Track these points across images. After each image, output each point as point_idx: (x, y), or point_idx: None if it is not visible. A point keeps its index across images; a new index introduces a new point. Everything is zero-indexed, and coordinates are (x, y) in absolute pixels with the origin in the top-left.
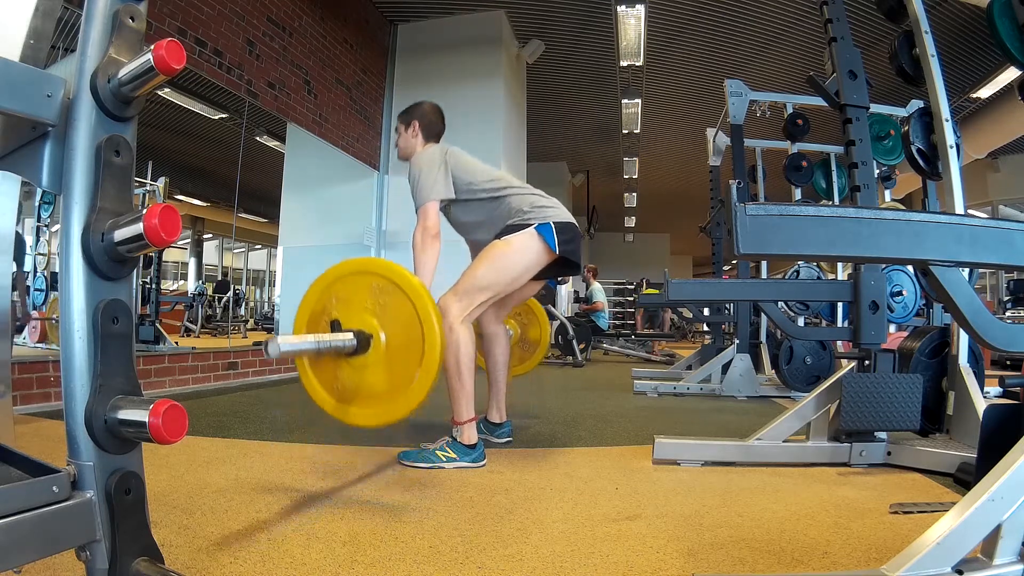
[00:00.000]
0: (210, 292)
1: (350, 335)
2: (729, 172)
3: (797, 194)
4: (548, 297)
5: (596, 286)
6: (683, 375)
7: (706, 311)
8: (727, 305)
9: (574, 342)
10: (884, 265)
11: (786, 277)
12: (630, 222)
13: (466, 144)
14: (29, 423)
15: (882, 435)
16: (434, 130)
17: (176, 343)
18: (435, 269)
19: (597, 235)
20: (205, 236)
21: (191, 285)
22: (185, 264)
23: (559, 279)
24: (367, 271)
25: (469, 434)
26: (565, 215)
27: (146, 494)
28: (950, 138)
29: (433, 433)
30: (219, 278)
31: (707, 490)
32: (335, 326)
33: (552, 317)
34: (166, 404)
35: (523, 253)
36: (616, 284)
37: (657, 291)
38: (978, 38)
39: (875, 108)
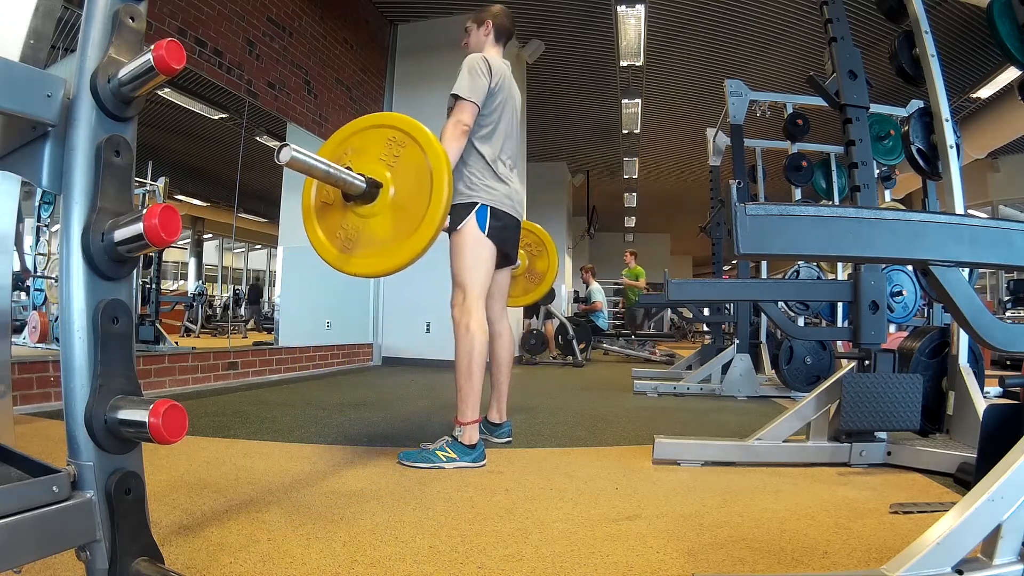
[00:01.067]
0: (216, 294)
1: (361, 177)
2: (729, 172)
3: (797, 194)
4: (548, 297)
5: (595, 286)
6: (683, 375)
7: (706, 311)
8: (727, 305)
9: (574, 342)
10: (884, 265)
11: (786, 277)
12: (630, 222)
13: None
14: (29, 423)
15: (882, 435)
16: (505, 31)
17: (176, 343)
18: (456, 159)
19: (597, 235)
20: (205, 236)
21: (191, 285)
22: (185, 264)
23: None
24: (385, 124)
25: (471, 434)
26: (509, 205)
27: (146, 494)
28: (950, 138)
29: (433, 433)
30: (252, 281)
31: (707, 490)
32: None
33: (551, 317)
34: (166, 404)
35: (477, 236)
36: (616, 284)
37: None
38: (978, 38)
39: (875, 108)
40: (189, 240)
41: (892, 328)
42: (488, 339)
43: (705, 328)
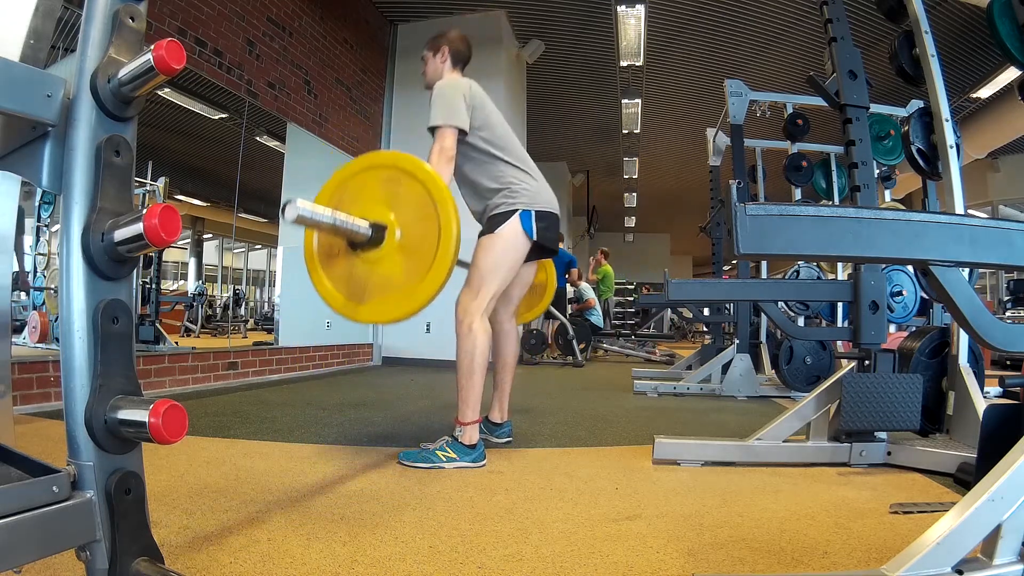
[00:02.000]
0: (216, 294)
1: (366, 223)
2: (729, 172)
3: (797, 194)
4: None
5: (584, 285)
6: (683, 375)
7: (706, 311)
8: (727, 305)
9: (574, 342)
10: (884, 265)
11: (786, 277)
12: (630, 222)
13: None
14: (29, 423)
15: (882, 435)
16: (462, 57)
17: (176, 343)
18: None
19: (597, 235)
20: (205, 236)
21: (191, 285)
22: (185, 264)
23: (568, 279)
24: (378, 165)
25: (471, 435)
26: (548, 203)
27: (146, 494)
28: (950, 138)
29: (433, 433)
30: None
31: (707, 490)
32: None
33: (552, 317)
34: (166, 404)
35: (515, 237)
36: (616, 284)
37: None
38: (978, 38)
39: (875, 108)
40: (189, 240)
41: (892, 328)
42: (489, 340)
43: (704, 328)
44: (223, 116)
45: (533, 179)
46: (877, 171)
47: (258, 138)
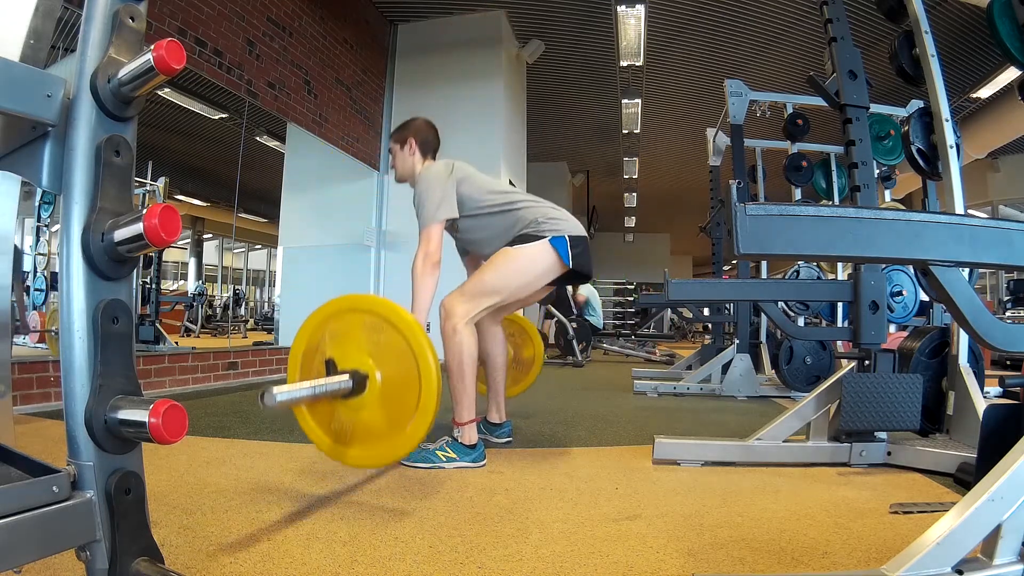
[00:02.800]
0: (216, 294)
1: (346, 376)
2: (729, 172)
3: (797, 194)
4: (550, 297)
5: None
6: (683, 375)
7: (706, 311)
8: (727, 305)
9: (574, 342)
10: (884, 265)
11: (786, 277)
12: (630, 222)
13: (466, 146)
14: (29, 423)
15: (882, 435)
16: (431, 146)
17: (176, 343)
18: (433, 297)
19: (597, 235)
20: (205, 236)
21: (191, 285)
22: (185, 264)
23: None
24: (360, 309)
25: (470, 435)
26: (577, 228)
27: (146, 494)
28: (950, 138)
29: (433, 433)
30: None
31: (707, 490)
32: (329, 365)
33: (551, 316)
34: (166, 404)
35: (534, 262)
36: (616, 284)
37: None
38: (978, 38)
39: (875, 108)
40: (189, 240)
41: (892, 328)
42: (475, 339)
43: (703, 328)
44: (223, 116)
45: (554, 208)
46: (877, 171)
47: (258, 138)
